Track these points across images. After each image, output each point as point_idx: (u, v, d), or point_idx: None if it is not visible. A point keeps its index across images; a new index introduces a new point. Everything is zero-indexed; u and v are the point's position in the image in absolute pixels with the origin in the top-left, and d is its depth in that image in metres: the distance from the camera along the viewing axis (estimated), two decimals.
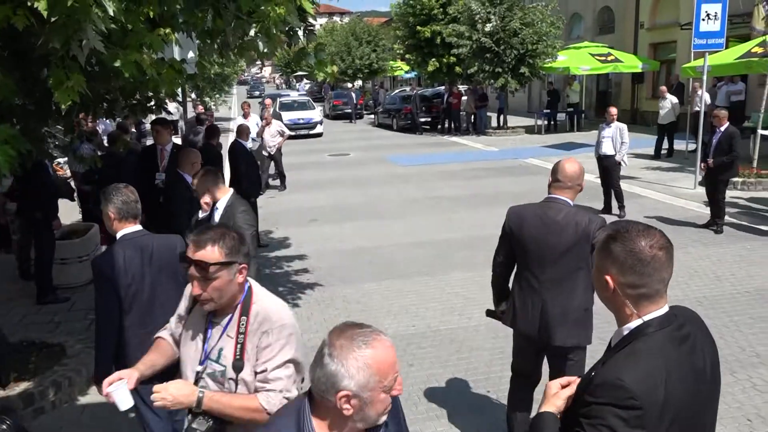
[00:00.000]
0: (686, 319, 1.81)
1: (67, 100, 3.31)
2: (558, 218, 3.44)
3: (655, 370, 1.65)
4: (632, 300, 1.73)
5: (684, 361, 1.71)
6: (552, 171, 3.56)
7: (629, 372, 1.64)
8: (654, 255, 1.71)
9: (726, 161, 8.76)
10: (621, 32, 24.24)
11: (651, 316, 1.73)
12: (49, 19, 3.01)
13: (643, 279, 1.71)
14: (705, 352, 1.78)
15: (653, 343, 1.70)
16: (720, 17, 11.36)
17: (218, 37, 4.38)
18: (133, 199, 3.35)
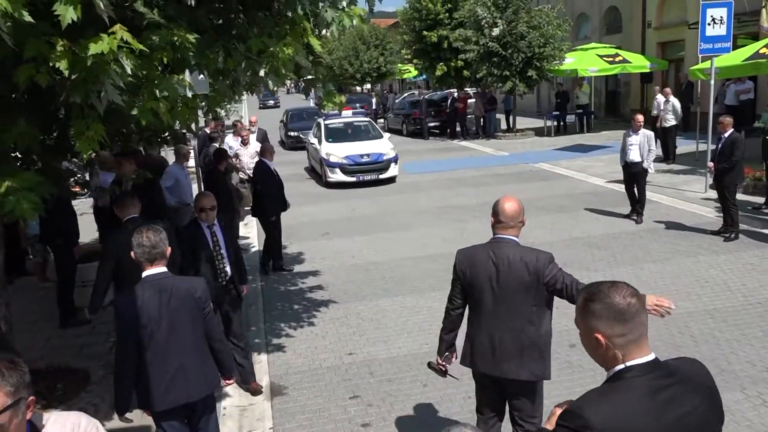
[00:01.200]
0: (680, 373, 1.94)
1: (87, 149, 3.46)
2: (507, 257, 3.50)
3: (611, 409, 1.82)
4: (621, 349, 1.91)
5: (652, 410, 1.83)
6: (493, 211, 3.61)
7: (592, 405, 1.85)
8: (629, 303, 1.92)
9: (726, 167, 8.84)
10: (628, 32, 24.17)
11: (634, 362, 1.90)
12: (70, 76, 3.16)
13: (627, 326, 1.90)
14: (688, 407, 1.88)
15: (626, 386, 1.87)
16: (726, 21, 11.34)
17: (229, 76, 4.51)
18: (149, 243, 3.48)
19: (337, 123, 17.49)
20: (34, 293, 8.06)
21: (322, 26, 4.66)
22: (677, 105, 15.21)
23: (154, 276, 3.53)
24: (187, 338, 3.58)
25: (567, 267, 8.02)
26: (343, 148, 15.71)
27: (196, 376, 3.62)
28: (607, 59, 20.80)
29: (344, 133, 17.13)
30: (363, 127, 17.84)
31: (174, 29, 3.63)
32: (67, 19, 2.92)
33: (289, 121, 25.41)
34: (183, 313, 3.53)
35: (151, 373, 3.53)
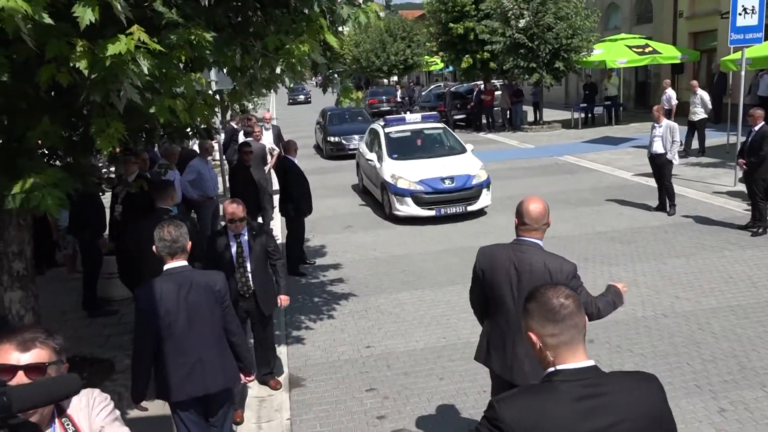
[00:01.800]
0: (613, 386, 1.90)
1: (108, 146, 3.57)
2: (530, 262, 3.41)
3: (526, 409, 1.85)
4: (552, 350, 1.93)
5: (571, 416, 1.83)
6: (517, 213, 3.50)
7: (509, 401, 1.89)
8: (561, 303, 1.94)
9: (754, 161, 8.65)
10: (659, 22, 23.70)
11: (565, 366, 1.91)
12: (90, 75, 3.26)
13: (558, 327, 1.92)
14: (609, 421, 1.84)
15: (550, 389, 1.89)
16: (758, 11, 11.07)
17: (247, 73, 4.59)
18: (170, 238, 3.57)
19: (402, 131, 12.82)
20: (64, 284, 8.30)
21: (339, 23, 4.70)
22: (706, 98, 14.90)
23: (174, 269, 3.62)
24: (206, 331, 3.66)
25: (589, 262, 8.05)
26: (415, 169, 11.18)
27: (215, 369, 3.70)
28: (636, 50, 20.44)
29: (412, 145, 12.59)
30: (438, 136, 13.14)
31: (192, 28, 3.70)
32: (85, 20, 3.02)
33: (329, 123, 20.40)
34: (202, 306, 3.61)
35: (170, 365, 3.63)
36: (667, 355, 5.62)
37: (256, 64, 4.34)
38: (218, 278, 3.75)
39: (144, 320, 3.57)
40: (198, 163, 8.84)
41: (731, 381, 5.12)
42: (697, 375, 5.25)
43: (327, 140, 19.67)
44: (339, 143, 19.22)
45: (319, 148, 21.00)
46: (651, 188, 11.37)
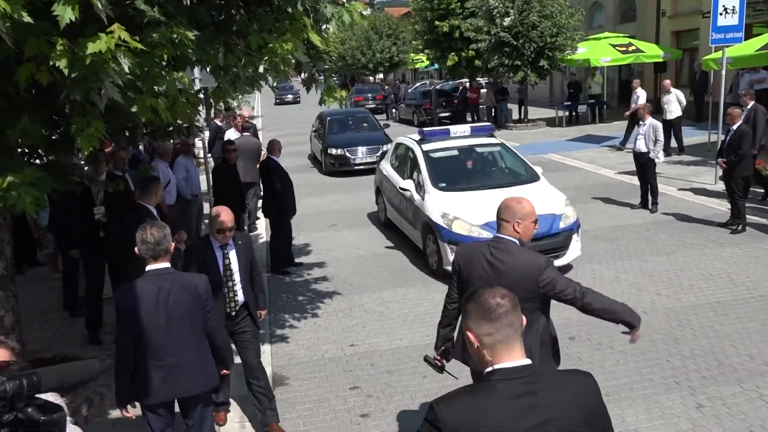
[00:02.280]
0: (548, 383, 1.99)
1: (88, 146, 3.54)
2: (504, 259, 3.46)
3: (465, 408, 1.90)
4: (489, 348, 1.98)
5: (509, 414, 1.89)
6: (498, 210, 3.56)
7: (449, 402, 1.93)
8: (497, 303, 2.00)
9: (733, 160, 8.78)
10: (642, 21, 23.91)
11: (501, 365, 1.95)
12: (70, 74, 3.24)
13: (494, 326, 1.97)
14: (545, 417, 1.90)
15: (488, 388, 1.95)
16: (738, 11, 11.21)
17: (230, 71, 4.57)
18: (154, 240, 3.54)
19: (445, 149, 9.32)
20: (44, 284, 8.23)
21: (322, 22, 4.70)
22: (681, 96, 15.02)
23: (156, 271, 3.59)
24: (186, 335, 3.62)
25: (574, 259, 8.09)
26: (474, 205, 7.89)
27: (193, 373, 3.64)
28: (620, 49, 20.61)
29: (462, 167, 9.25)
30: (495, 155, 9.64)
31: (174, 26, 3.69)
32: (65, 18, 2.99)
33: (329, 130, 16.99)
34: (182, 309, 3.57)
35: (147, 368, 3.57)
36: (647, 352, 5.69)
37: (239, 63, 4.32)
38: (200, 281, 3.71)
39: (124, 322, 3.53)
40: (184, 161, 8.80)
41: (709, 377, 5.20)
42: (676, 371, 5.33)
43: (327, 152, 16.17)
44: (342, 157, 15.94)
45: (316, 160, 17.79)
46: (634, 186, 11.49)
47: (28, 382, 1.35)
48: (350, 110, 20.47)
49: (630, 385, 5.16)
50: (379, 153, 15.47)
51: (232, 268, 4.53)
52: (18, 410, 1.31)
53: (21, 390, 1.33)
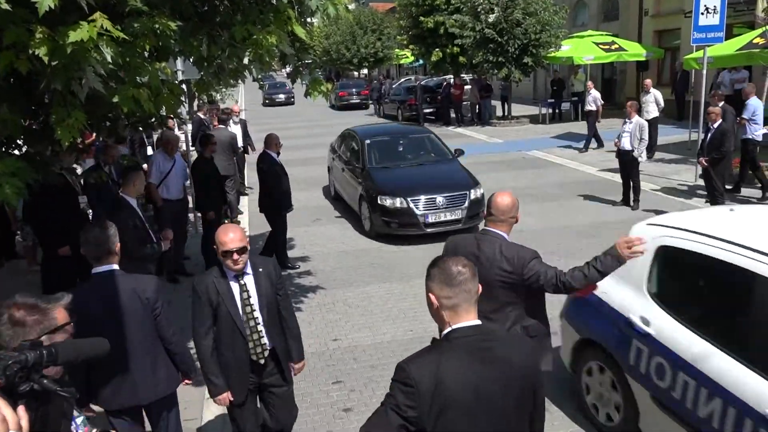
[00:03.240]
0: (498, 339, 2.30)
1: (68, 137, 3.48)
2: (490, 252, 3.54)
3: (432, 365, 2.12)
4: (448, 311, 2.21)
5: (469, 367, 2.13)
6: (486, 204, 3.67)
7: (414, 360, 2.17)
8: (459, 270, 2.22)
9: (715, 157, 8.90)
10: (625, 19, 24.12)
11: (458, 325, 2.20)
12: (51, 63, 3.18)
13: (454, 291, 2.20)
14: (504, 368, 2.17)
15: (448, 346, 2.18)
16: (719, 11, 11.34)
17: (214, 63, 4.53)
18: (95, 241, 3.43)
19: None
20: (22, 276, 8.11)
21: (307, 14, 4.68)
22: (659, 96, 15.12)
23: (101, 273, 3.47)
24: (135, 340, 3.44)
25: (555, 255, 8.16)
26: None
27: (145, 380, 3.51)
28: (603, 47, 20.77)
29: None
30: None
31: (156, 16, 3.64)
32: (44, 6, 2.93)
33: (371, 161, 10.36)
34: (129, 314, 3.40)
35: (100, 374, 3.45)
36: None
37: (223, 54, 4.29)
38: (149, 284, 3.53)
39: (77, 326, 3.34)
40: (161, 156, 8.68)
41: None
42: None
43: (375, 203, 9.45)
44: (404, 212, 9.22)
45: (347, 208, 11.30)
46: (615, 183, 11.61)
47: (48, 353, 1.36)
48: (407, 128, 13.82)
49: None
50: (465, 205, 9.35)
51: (252, 301, 3.61)
52: (34, 381, 1.31)
53: (41, 360, 1.34)
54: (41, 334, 2.06)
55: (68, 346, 1.49)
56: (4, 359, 1.27)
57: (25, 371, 1.29)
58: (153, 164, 7.90)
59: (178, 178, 7.99)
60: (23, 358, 1.30)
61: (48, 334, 2.07)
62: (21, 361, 1.29)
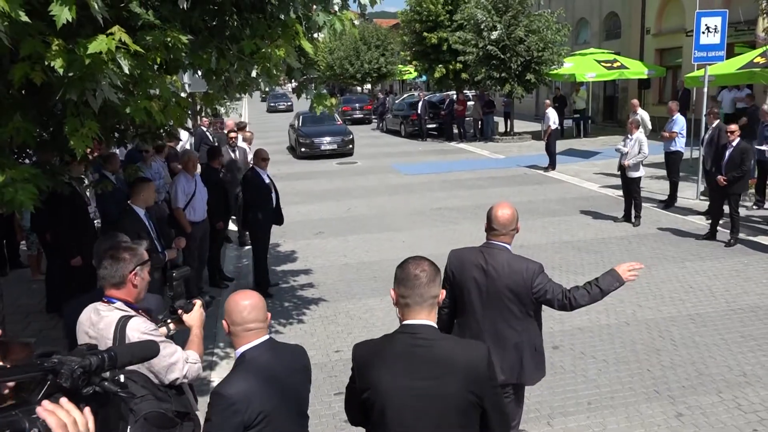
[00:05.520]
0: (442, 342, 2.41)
1: (81, 146, 3.56)
2: (497, 264, 3.55)
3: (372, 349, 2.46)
4: (402, 308, 2.43)
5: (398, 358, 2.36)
6: (487, 217, 3.67)
7: (361, 343, 2.55)
8: (415, 275, 2.39)
9: (736, 176, 8.90)
10: (627, 38, 24.31)
11: (407, 322, 2.40)
12: (67, 74, 3.26)
13: (407, 291, 2.38)
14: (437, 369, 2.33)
15: (390, 336, 2.44)
16: (720, 30, 11.46)
17: (222, 76, 4.62)
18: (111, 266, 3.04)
19: None
20: (27, 285, 8.16)
21: (314, 29, 4.77)
22: (646, 118, 15.12)
23: None
24: None
25: (556, 270, 8.21)
26: None
27: None
28: (605, 65, 20.94)
29: None
30: None
31: (168, 30, 3.73)
32: (62, 19, 3.02)
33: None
34: None
35: None
36: (629, 362, 5.78)
37: (232, 68, 4.37)
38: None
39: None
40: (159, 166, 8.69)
41: (689, 387, 5.29)
42: (656, 381, 5.41)
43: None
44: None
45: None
46: (617, 200, 11.68)
47: (108, 357, 1.41)
48: None
49: (611, 394, 5.23)
50: None
51: None
52: (95, 384, 1.37)
53: (102, 364, 1.40)
54: (135, 267, 2.97)
55: (125, 349, 1.58)
56: (69, 363, 1.32)
57: (87, 375, 1.34)
58: (176, 187, 7.43)
59: (203, 198, 7.61)
60: (87, 363, 1.35)
61: (139, 266, 2.99)
62: (85, 366, 1.34)
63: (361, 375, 2.43)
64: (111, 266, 2.96)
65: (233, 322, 2.59)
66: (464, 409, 2.31)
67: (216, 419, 2.42)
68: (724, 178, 9.02)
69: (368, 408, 2.41)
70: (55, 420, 1.18)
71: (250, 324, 2.58)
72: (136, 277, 2.99)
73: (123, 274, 2.96)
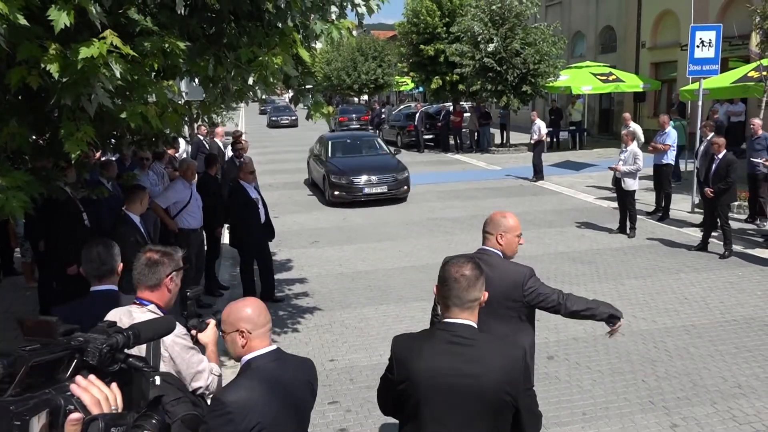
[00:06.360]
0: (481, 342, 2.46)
1: (76, 150, 3.55)
2: (488, 270, 3.47)
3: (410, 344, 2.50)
4: (442, 305, 2.51)
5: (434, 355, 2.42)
6: (484, 223, 3.66)
7: (399, 339, 2.57)
8: (455, 278, 2.44)
9: (722, 187, 8.96)
10: (623, 51, 24.49)
11: (446, 320, 2.47)
12: (61, 78, 3.26)
13: (447, 292, 2.45)
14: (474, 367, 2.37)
15: (429, 333, 2.60)
16: (714, 44, 11.56)
17: (219, 84, 4.63)
18: (98, 259, 3.45)
19: None
20: (21, 292, 8.12)
21: (312, 38, 4.79)
22: (639, 132, 15.17)
23: (98, 292, 3.48)
24: None
25: (551, 281, 8.20)
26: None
27: None
28: (601, 78, 21.08)
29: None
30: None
31: (165, 36, 3.74)
32: (60, 24, 3.03)
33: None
34: None
35: None
36: (624, 373, 5.77)
37: (229, 75, 4.38)
38: None
39: None
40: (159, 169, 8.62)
41: (684, 398, 5.28)
42: (651, 392, 5.40)
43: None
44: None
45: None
46: (612, 211, 11.71)
47: (133, 335, 1.44)
48: None
49: (606, 404, 5.22)
50: None
51: None
52: (120, 361, 1.39)
53: (128, 341, 1.42)
54: (172, 271, 2.99)
55: (147, 326, 1.60)
56: (95, 341, 1.34)
57: (113, 352, 1.36)
58: (170, 188, 7.51)
59: (198, 206, 7.54)
60: (114, 341, 1.38)
61: (175, 271, 3.01)
62: (112, 344, 1.37)
63: (399, 367, 2.46)
64: (148, 268, 2.95)
65: (244, 328, 2.49)
66: (498, 408, 2.35)
67: (210, 424, 2.41)
68: (710, 190, 9.12)
69: (404, 400, 2.46)
70: (89, 397, 1.20)
71: (260, 329, 2.51)
72: (171, 281, 3.00)
73: (160, 277, 2.96)
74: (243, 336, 2.48)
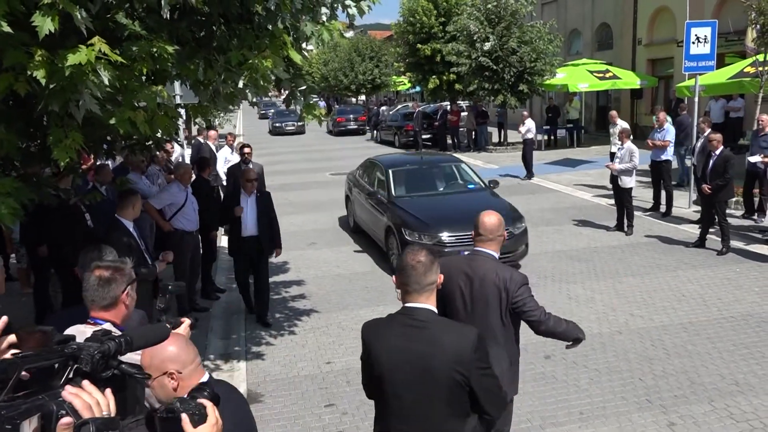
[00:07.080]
0: (436, 325, 2.66)
1: (65, 157, 3.53)
2: (483, 272, 3.54)
3: (374, 328, 2.79)
4: (402, 293, 2.72)
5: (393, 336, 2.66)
6: (474, 225, 3.66)
7: (369, 321, 2.88)
8: (412, 265, 2.65)
9: (720, 184, 8.94)
10: (619, 48, 24.48)
11: (406, 305, 2.69)
12: (49, 85, 3.24)
13: (405, 279, 2.67)
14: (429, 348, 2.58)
15: (391, 317, 2.76)
16: (710, 40, 11.54)
17: (210, 87, 4.60)
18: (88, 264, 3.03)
19: None
20: (17, 298, 8.10)
21: (302, 40, 4.77)
22: (626, 127, 15.13)
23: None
24: None
25: (548, 279, 8.21)
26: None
27: None
28: (597, 75, 21.07)
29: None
30: None
31: (154, 41, 3.72)
32: (44, 30, 3.01)
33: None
34: None
35: None
36: (621, 371, 5.75)
37: (219, 78, 4.35)
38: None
39: None
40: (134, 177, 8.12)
41: (681, 396, 5.26)
42: (648, 390, 5.39)
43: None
44: None
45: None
46: (610, 209, 11.68)
47: (125, 341, 1.47)
48: None
49: (603, 403, 5.20)
50: None
51: None
52: (113, 368, 1.43)
53: (120, 348, 1.45)
54: (126, 286, 2.83)
55: (140, 333, 1.63)
56: (88, 349, 1.38)
57: (106, 359, 1.40)
58: (165, 189, 7.58)
59: (194, 209, 7.52)
60: (106, 348, 1.41)
61: (130, 285, 2.85)
62: (104, 351, 1.40)
63: (365, 348, 2.75)
64: (101, 288, 2.77)
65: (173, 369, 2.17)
66: (451, 386, 2.56)
67: None
68: (708, 187, 9.09)
69: (372, 379, 2.74)
70: (80, 402, 1.25)
71: (190, 365, 2.20)
72: (127, 296, 2.85)
73: (115, 295, 2.80)
74: (173, 378, 2.16)
